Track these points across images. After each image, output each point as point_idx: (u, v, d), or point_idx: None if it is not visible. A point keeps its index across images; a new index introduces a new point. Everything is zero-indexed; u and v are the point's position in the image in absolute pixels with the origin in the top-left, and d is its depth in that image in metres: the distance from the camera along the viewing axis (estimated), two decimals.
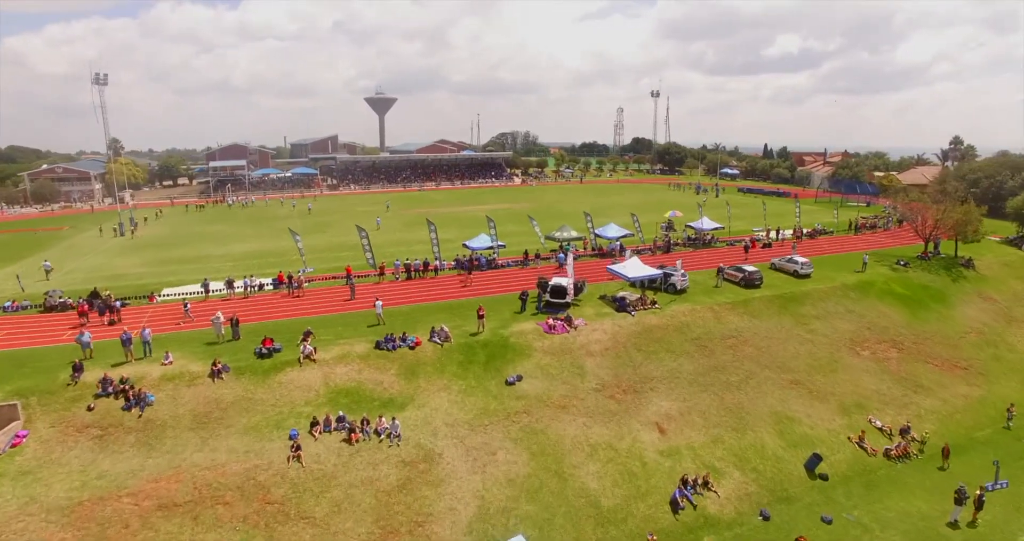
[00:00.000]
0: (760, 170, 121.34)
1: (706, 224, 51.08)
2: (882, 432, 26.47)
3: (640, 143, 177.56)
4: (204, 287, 35.42)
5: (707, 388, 28.08)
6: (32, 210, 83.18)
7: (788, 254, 44.59)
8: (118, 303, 31.06)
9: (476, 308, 30.44)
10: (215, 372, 24.64)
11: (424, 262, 40.23)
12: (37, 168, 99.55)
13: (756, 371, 29.74)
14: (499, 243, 43.22)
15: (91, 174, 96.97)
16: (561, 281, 32.83)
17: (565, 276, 34.03)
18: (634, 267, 34.62)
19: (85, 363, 24.33)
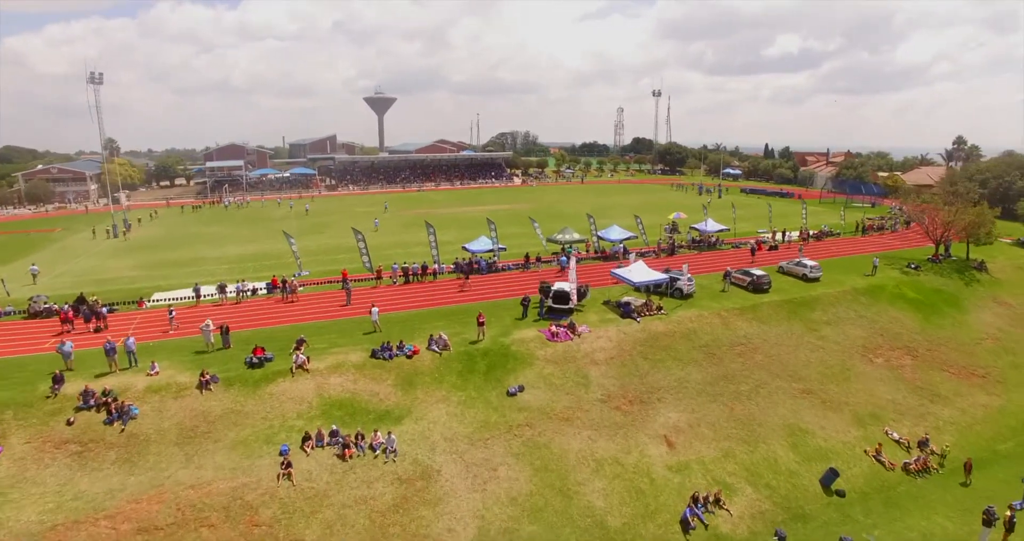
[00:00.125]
0: (762, 170, 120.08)
1: (711, 226, 49.98)
2: (899, 445, 25.37)
3: (641, 143, 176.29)
4: (195, 292, 34.32)
5: (716, 398, 27.00)
6: (26, 211, 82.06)
7: (795, 256, 43.54)
8: (104, 309, 29.91)
9: (476, 314, 29.38)
10: (203, 383, 23.56)
11: (423, 265, 39.11)
12: (32, 168, 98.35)
13: (767, 380, 28.66)
14: (500, 246, 42.10)
15: (86, 174, 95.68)
16: (564, 286, 31.75)
17: (567, 281, 32.93)
18: (639, 271, 33.52)
19: (66, 374, 23.23)
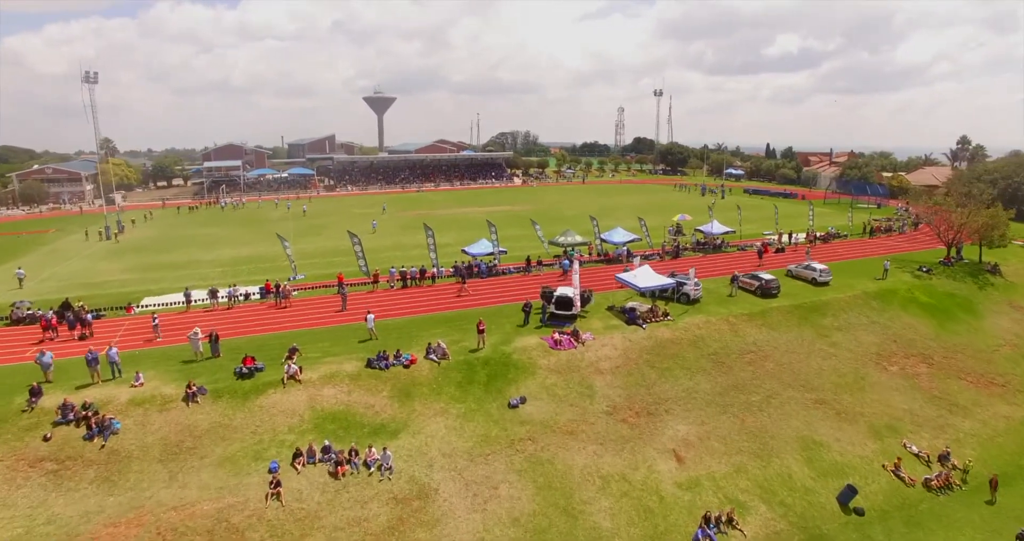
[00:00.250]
0: (765, 170, 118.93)
1: (716, 228, 48.85)
2: (919, 459, 24.25)
3: (642, 143, 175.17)
4: (186, 297, 33.18)
5: (726, 409, 25.90)
6: (19, 212, 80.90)
7: (802, 259, 42.49)
8: (90, 315, 28.75)
9: (475, 320, 28.31)
10: (190, 395, 22.44)
11: (421, 269, 37.98)
12: (27, 169, 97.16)
13: (778, 390, 27.55)
14: (500, 249, 40.96)
15: (82, 175, 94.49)
16: (567, 291, 30.64)
17: (570, 285, 31.83)
18: (645, 276, 32.38)
19: (45, 386, 22.11)
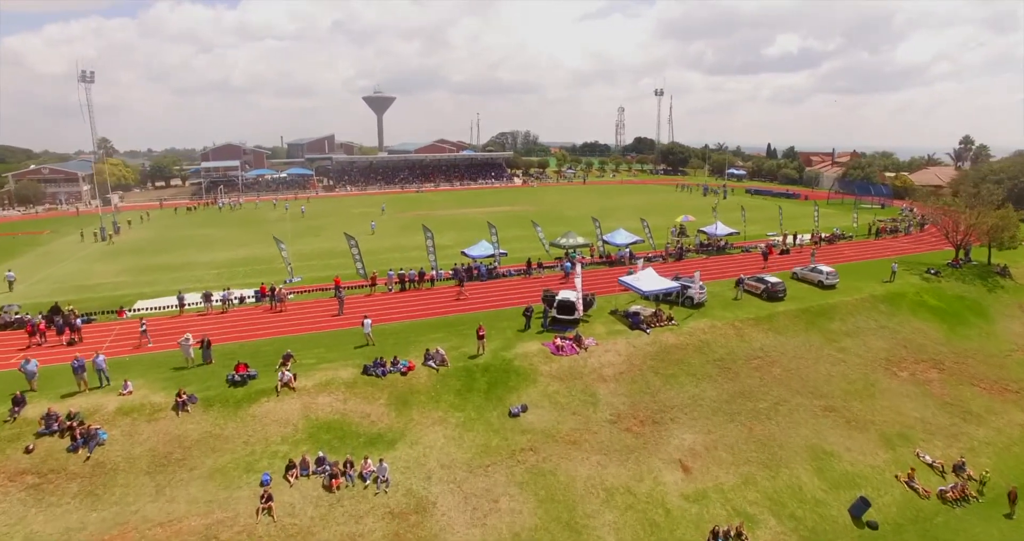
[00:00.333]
0: (767, 170, 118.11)
1: (720, 229, 48.07)
2: (933, 469, 23.48)
3: (642, 143, 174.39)
4: (179, 301, 32.43)
5: (734, 417, 25.14)
6: (15, 213, 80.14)
7: (806, 261, 41.76)
8: (79, 320, 27.97)
9: (475, 325, 27.64)
10: (180, 404, 21.70)
11: (420, 272, 37.21)
12: (24, 168, 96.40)
13: (786, 397, 26.79)
14: (500, 251, 40.19)
15: (79, 175, 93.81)
16: (569, 295, 29.88)
17: (572, 288, 31.08)
18: (649, 279, 31.62)
19: (29, 395, 21.37)
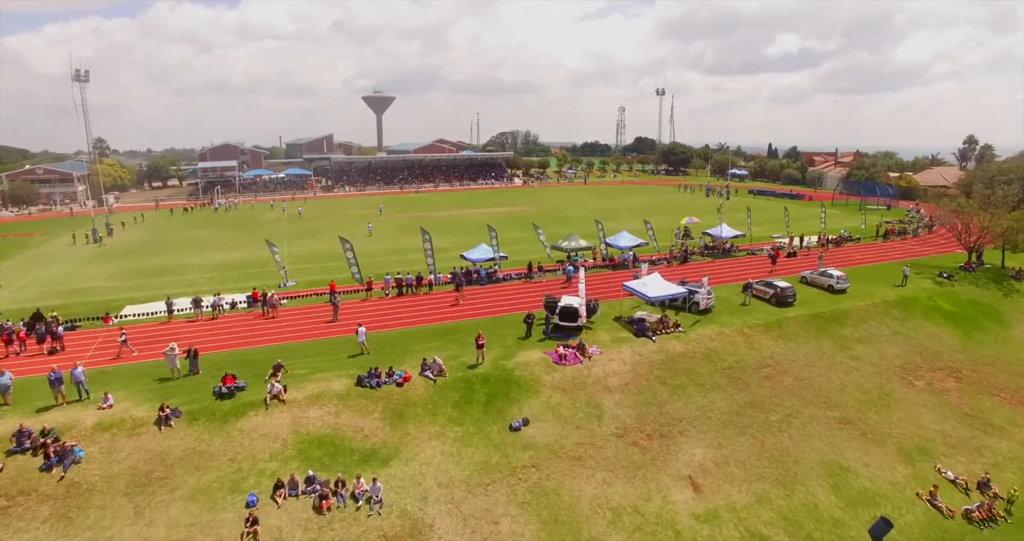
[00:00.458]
0: (769, 171, 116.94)
1: (725, 231, 46.93)
2: (956, 486, 22.35)
3: (643, 143, 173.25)
4: (167, 307, 31.30)
5: (745, 430, 24.01)
6: (7, 214, 78.99)
7: (814, 264, 40.65)
8: (60, 329, 26.79)
9: (474, 331, 26.59)
10: (163, 418, 20.57)
11: (417, 276, 36.07)
12: (19, 169, 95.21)
13: (799, 408, 25.67)
14: (500, 254, 39.05)
15: (74, 175, 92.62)
16: (572, 301, 28.76)
17: (574, 293, 29.97)
18: (655, 285, 30.46)
19: (2, 409, 20.28)
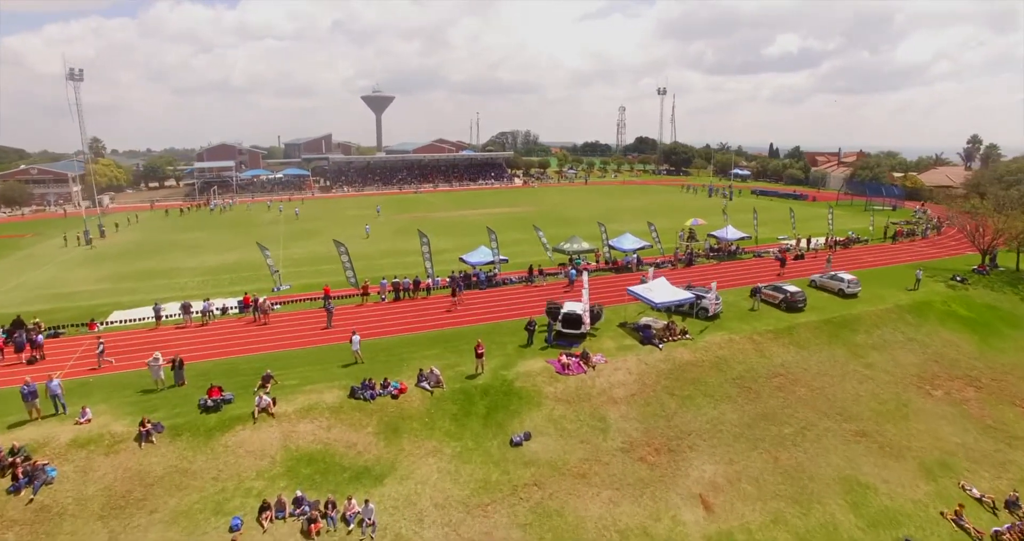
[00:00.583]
0: (772, 171, 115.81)
1: (731, 233, 45.78)
2: (982, 504, 21.16)
3: (644, 143, 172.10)
4: (155, 313, 30.14)
5: (757, 444, 22.85)
6: (0, 215, 77.84)
7: (822, 267, 39.53)
8: (40, 337, 25.60)
9: (472, 339, 25.63)
10: (143, 433, 19.45)
11: (415, 280, 34.91)
12: (12, 169, 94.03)
13: (813, 420, 24.51)
14: (500, 257, 37.88)
15: (68, 176, 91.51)
16: (575, 308, 27.59)
17: (577, 298, 28.82)
18: (661, 290, 29.26)
19: None
